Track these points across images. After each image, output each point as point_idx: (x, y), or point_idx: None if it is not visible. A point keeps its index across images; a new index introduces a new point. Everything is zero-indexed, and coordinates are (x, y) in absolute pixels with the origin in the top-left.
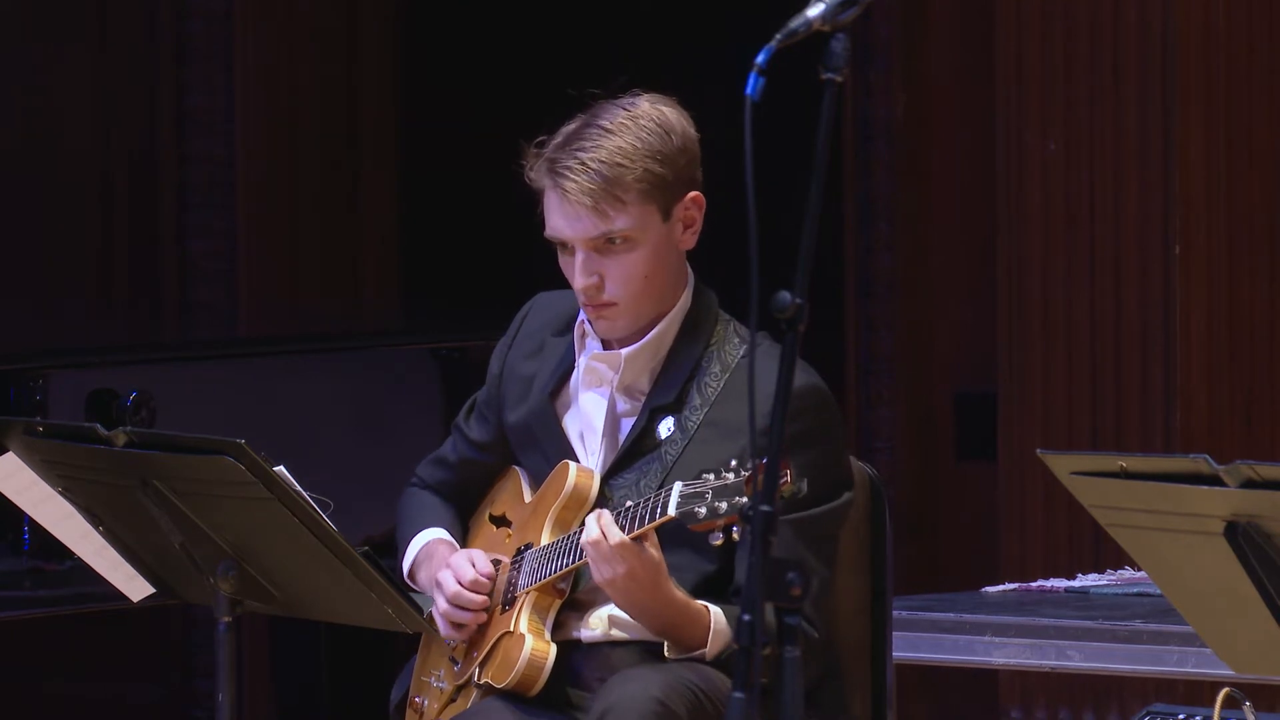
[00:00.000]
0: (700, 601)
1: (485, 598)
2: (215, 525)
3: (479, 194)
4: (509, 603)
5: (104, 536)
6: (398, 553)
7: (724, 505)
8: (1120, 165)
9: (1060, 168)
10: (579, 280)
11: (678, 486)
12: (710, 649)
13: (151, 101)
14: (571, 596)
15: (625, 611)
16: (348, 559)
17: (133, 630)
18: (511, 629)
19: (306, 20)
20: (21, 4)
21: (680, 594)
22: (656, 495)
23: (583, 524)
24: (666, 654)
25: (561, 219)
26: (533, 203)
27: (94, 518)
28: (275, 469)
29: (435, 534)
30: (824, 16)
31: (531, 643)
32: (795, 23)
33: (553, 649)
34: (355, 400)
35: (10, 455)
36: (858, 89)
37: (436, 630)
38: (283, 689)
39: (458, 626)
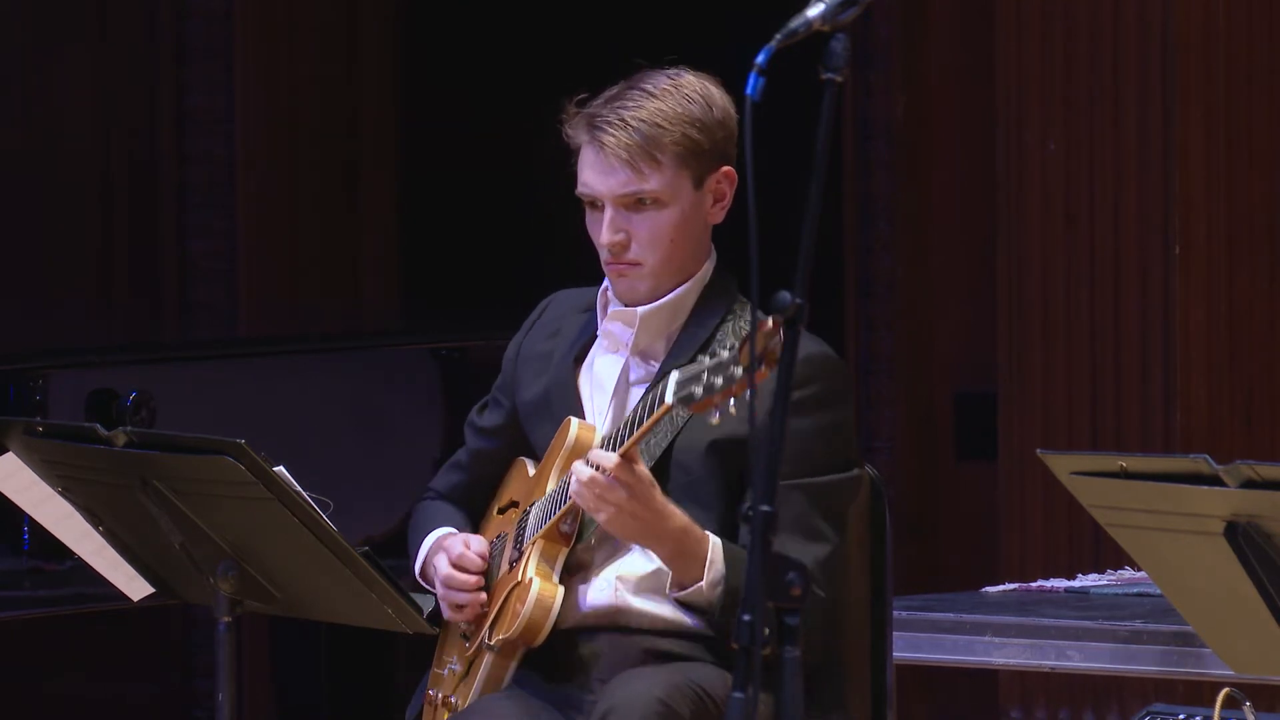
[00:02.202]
0: (702, 530)
1: (477, 576)
2: (215, 525)
3: (479, 194)
4: (516, 560)
5: (104, 536)
6: (410, 559)
7: (719, 380)
8: (1120, 165)
9: (1060, 168)
10: (605, 235)
11: (675, 374)
12: (706, 578)
13: (151, 101)
14: (577, 558)
15: (633, 541)
16: (348, 559)
17: (133, 630)
18: (520, 579)
19: (306, 20)
20: (21, 4)
21: (682, 516)
22: (653, 391)
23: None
24: (668, 590)
25: (595, 174)
26: (533, 200)
27: (94, 518)
28: (275, 469)
29: (443, 531)
30: (824, 16)
31: (539, 585)
32: (795, 23)
33: (560, 591)
34: (355, 400)
35: (10, 455)
36: (858, 89)
37: (437, 629)
38: (283, 689)
39: (458, 608)
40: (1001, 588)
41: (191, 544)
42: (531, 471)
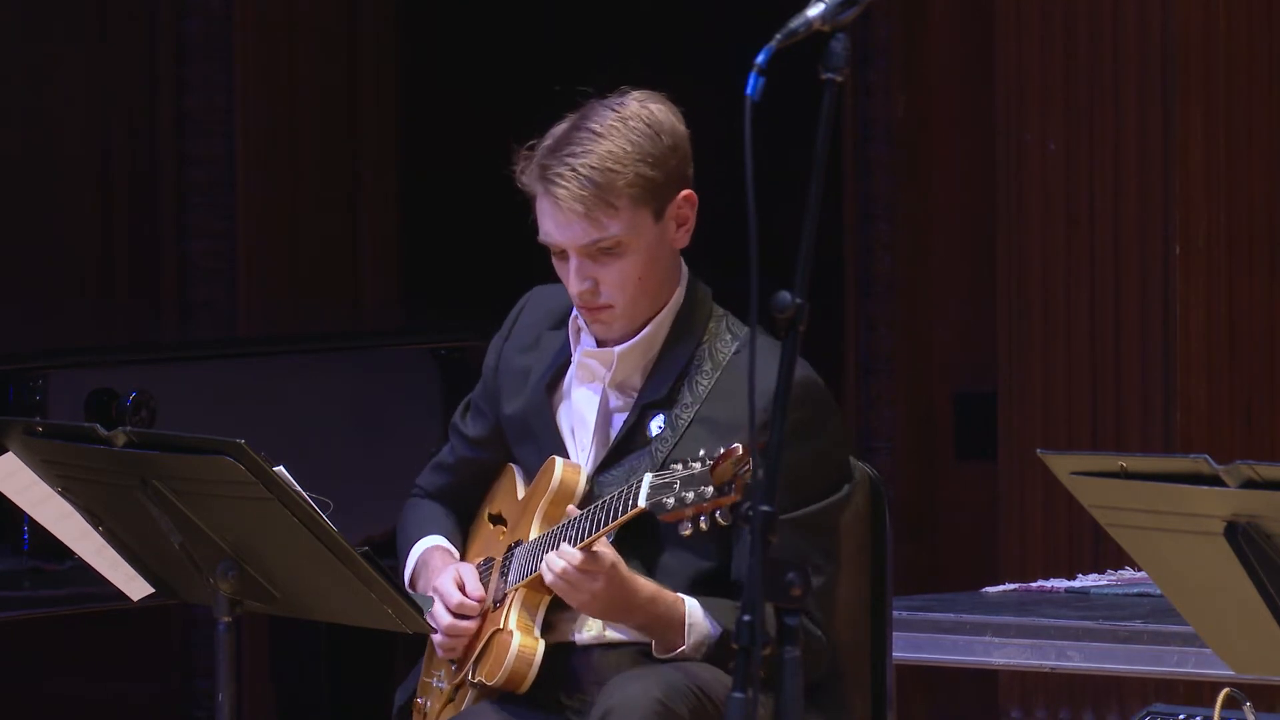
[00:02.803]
0: (674, 594)
1: (474, 621)
2: (215, 525)
3: (479, 194)
4: (500, 600)
5: (104, 536)
6: (399, 563)
7: (690, 495)
8: (1120, 165)
9: (1060, 168)
10: (574, 286)
11: (648, 478)
12: (688, 642)
13: (151, 101)
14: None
15: (606, 619)
16: (348, 559)
17: (133, 630)
18: (502, 626)
19: (306, 20)
20: (21, 4)
21: (649, 585)
22: (627, 488)
23: (572, 516)
24: (655, 653)
25: (554, 226)
26: (531, 203)
27: (94, 518)
28: (275, 469)
29: (431, 542)
30: (824, 16)
31: (520, 639)
32: (795, 23)
33: (540, 644)
34: (355, 400)
35: (10, 455)
36: (858, 89)
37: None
38: (283, 689)
39: (450, 647)
40: (1001, 588)
41: (191, 544)
42: (520, 486)
